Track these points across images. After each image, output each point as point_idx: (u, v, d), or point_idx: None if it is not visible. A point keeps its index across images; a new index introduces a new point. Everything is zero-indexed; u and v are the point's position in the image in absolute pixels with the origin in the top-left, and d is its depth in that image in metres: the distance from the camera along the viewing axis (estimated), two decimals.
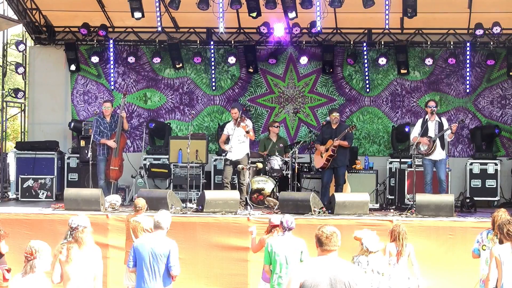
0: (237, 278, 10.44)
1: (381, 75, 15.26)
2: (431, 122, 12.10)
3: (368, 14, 13.79)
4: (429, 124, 12.09)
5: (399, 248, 8.33)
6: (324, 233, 5.12)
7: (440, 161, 12.03)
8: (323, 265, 5.02)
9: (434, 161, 12.02)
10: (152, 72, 15.64)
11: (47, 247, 6.10)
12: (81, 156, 13.98)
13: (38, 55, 15.87)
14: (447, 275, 10.06)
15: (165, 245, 7.41)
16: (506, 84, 14.98)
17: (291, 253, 7.69)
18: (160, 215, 7.66)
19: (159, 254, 7.34)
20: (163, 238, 7.52)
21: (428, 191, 11.84)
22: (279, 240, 7.90)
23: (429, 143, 11.98)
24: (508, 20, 14.09)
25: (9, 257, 10.43)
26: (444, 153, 12.12)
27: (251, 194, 12.57)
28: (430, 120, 12.10)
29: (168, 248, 7.38)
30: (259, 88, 15.50)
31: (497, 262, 7.07)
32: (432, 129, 12.05)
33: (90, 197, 11.22)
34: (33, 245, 6.02)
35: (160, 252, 7.34)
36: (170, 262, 7.35)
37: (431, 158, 11.98)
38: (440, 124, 12.07)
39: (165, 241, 7.47)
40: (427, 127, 12.06)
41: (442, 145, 12.04)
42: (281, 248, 7.73)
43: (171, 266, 7.35)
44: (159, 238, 7.50)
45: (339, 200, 10.95)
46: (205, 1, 13.32)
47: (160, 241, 7.45)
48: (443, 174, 12.00)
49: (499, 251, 7.12)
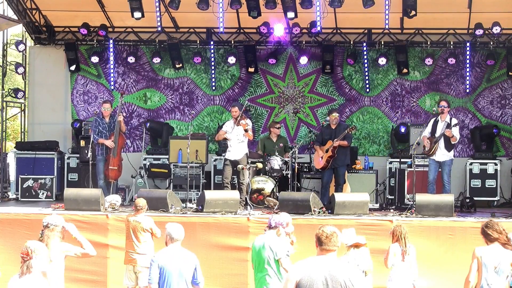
0: (237, 278, 10.43)
1: (381, 75, 15.26)
2: (441, 122, 12.05)
3: (368, 14, 13.80)
4: (439, 124, 12.05)
5: (403, 248, 8.33)
6: (324, 233, 5.12)
7: (444, 163, 11.95)
8: (320, 264, 5.02)
9: (438, 162, 11.98)
10: (152, 72, 15.64)
11: (44, 247, 6.08)
12: (81, 156, 13.98)
13: (38, 55, 15.87)
14: (447, 275, 10.05)
15: (190, 261, 7.15)
16: (506, 84, 14.98)
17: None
18: (174, 228, 7.28)
19: (186, 271, 7.08)
20: (185, 252, 7.21)
21: (430, 191, 11.83)
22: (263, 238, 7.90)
23: (429, 143, 11.97)
24: (508, 20, 14.09)
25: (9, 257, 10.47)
26: (448, 154, 11.97)
27: (251, 194, 12.57)
28: (441, 120, 12.06)
29: (194, 264, 7.15)
30: (259, 88, 15.50)
31: (478, 264, 7.10)
32: (440, 129, 11.97)
33: (90, 197, 11.22)
34: (29, 245, 6.00)
35: (187, 269, 7.08)
36: (197, 278, 7.15)
37: (434, 158, 11.96)
38: (448, 125, 11.92)
39: (189, 256, 7.19)
40: (436, 126, 12.04)
41: (447, 146, 11.93)
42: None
43: (198, 282, 7.16)
44: (182, 253, 7.20)
45: (339, 200, 10.95)
46: (205, 1, 13.32)
47: (184, 257, 7.14)
48: (446, 176, 11.93)
49: (481, 252, 7.14)
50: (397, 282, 8.33)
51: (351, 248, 8.01)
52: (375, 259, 8.47)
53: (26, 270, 5.90)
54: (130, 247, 9.34)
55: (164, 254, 7.21)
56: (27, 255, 5.94)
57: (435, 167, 11.98)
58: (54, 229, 7.22)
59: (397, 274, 8.34)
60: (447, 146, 11.92)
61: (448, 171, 12.01)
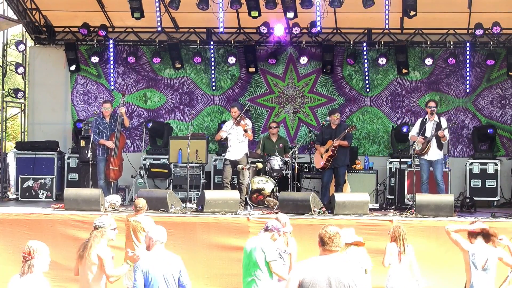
0: (237, 278, 10.37)
1: (381, 75, 15.26)
2: (430, 122, 12.14)
3: (368, 14, 13.80)
4: (427, 124, 12.13)
5: (400, 248, 8.34)
6: (327, 233, 5.11)
7: (436, 161, 12.06)
8: (323, 265, 5.01)
9: (430, 161, 12.04)
10: (152, 72, 15.64)
11: (45, 247, 6.09)
12: (81, 156, 13.98)
13: (38, 55, 15.87)
14: (447, 275, 10.05)
15: (174, 264, 6.92)
16: (506, 84, 14.98)
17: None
18: (156, 232, 7.03)
19: (171, 275, 6.85)
20: (169, 255, 6.99)
21: (424, 191, 11.87)
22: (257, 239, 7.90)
23: (424, 142, 12.02)
24: (508, 20, 14.09)
25: (9, 257, 10.47)
26: (441, 153, 12.13)
27: (251, 194, 12.57)
28: (429, 120, 12.14)
29: (178, 267, 6.91)
30: (259, 88, 15.50)
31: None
32: (430, 129, 12.09)
33: (90, 197, 11.22)
34: (31, 245, 6.02)
35: (172, 272, 6.85)
36: (182, 281, 6.91)
37: (426, 158, 12.01)
38: (438, 125, 12.09)
39: (173, 259, 6.96)
40: (425, 127, 12.09)
41: (439, 145, 12.06)
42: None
43: (185, 285, 6.92)
44: (166, 256, 6.95)
45: (339, 200, 10.95)
46: (205, 1, 13.32)
47: (168, 261, 6.91)
48: (439, 174, 12.03)
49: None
50: (396, 282, 8.34)
51: (351, 246, 7.93)
52: (374, 259, 8.46)
53: (28, 269, 5.91)
54: (130, 247, 9.31)
55: (147, 258, 6.93)
56: (29, 254, 5.95)
57: (427, 166, 12.07)
58: (101, 230, 7.23)
59: (395, 274, 8.36)
60: (439, 145, 12.06)
61: (441, 170, 12.13)
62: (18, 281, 5.93)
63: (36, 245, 6.03)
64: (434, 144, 12.02)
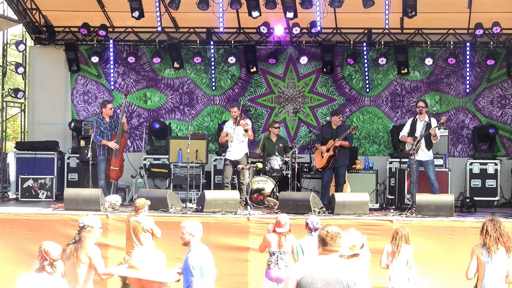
0: (237, 278, 10.43)
1: (381, 75, 15.26)
2: (420, 122, 12.19)
3: (368, 14, 13.79)
4: (417, 124, 12.18)
5: (393, 248, 8.35)
6: (329, 234, 5.09)
7: (427, 162, 12.11)
8: (322, 264, 5.00)
9: (420, 162, 12.07)
10: (152, 72, 15.64)
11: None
12: (81, 156, 13.97)
13: (38, 55, 15.86)
14: (447, 275, 10.05)
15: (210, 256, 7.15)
16: (506, 84, 14.98)
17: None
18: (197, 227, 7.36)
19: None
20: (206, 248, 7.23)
21: (413, 191, 11.84)
22: (310, 240, 7.94)
23: (413, 143, 12.03)
24: (508, 20, 14.09)
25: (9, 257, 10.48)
26: (430, 154, 12.17)
27: (251, 194, 12.57)
28: (419, 120, 12.18)
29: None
30: (259, 88, 15.50)
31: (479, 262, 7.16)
32: (419, 129, 12.13)
33: (90, 197, 11.22)
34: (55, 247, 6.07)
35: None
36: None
37: (416, 158, 12.01)
38: (428, 125, 12.08)
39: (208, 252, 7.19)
40: (415, 126, 12.13)
41: (428, 146, 12.07)
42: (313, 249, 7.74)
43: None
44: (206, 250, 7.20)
45: (339, 200, 10.95)
46: (205, 1, 13.32)
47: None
48: (432, 174, 12.09)
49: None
50: (395, 282, 8.35)
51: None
52: (374, 259, 8.46)
53: (51, 268, 5.93)
54: (130, 247, 9.32)
55: (200, 253, 7.21)
56: (55, 255, 5.97)
57: (417, 166, 12.06)
58: (91, 231, 7.26)
59: (394, 274, 8.37)
60: (428, 146, 12.08)
61: (433, 170, 12.18)
62: (35, 277, 5.93)
63: (58, 248, 6.09)
64: (423, 144, 12.04)
